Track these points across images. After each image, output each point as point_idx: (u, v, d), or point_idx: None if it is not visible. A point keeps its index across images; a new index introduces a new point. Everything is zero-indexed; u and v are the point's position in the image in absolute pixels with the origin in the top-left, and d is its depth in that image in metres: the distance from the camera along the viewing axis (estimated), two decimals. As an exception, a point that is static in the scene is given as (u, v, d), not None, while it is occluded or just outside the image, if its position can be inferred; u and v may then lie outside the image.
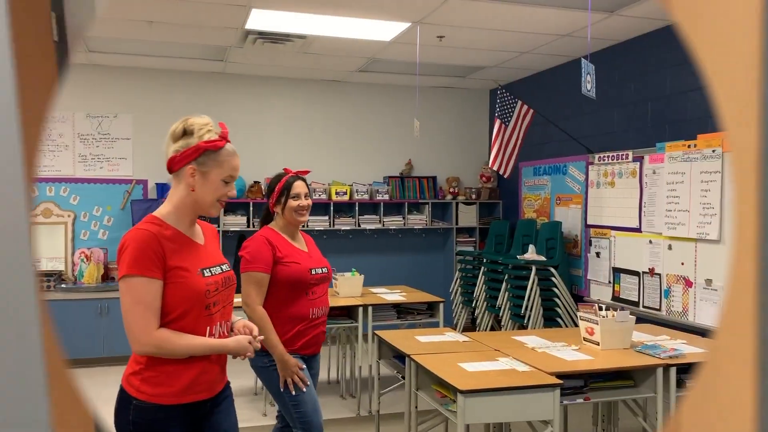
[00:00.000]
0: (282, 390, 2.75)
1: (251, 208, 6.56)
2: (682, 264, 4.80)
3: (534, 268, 5.75)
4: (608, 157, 5.63)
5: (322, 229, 6.95)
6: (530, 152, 6.70)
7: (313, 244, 3.12)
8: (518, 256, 6.07)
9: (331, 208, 6.97)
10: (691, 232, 4.71)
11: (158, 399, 1.87)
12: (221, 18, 4.91)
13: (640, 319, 4.72)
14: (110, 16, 4.85)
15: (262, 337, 2.11)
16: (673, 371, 3.11)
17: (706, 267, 4.60)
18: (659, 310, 5.02)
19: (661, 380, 3.09)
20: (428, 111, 7.60)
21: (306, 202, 2.96)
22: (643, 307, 5.19)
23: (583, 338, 3.46)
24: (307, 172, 3.11)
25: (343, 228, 7.04)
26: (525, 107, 5.74)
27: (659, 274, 5.04)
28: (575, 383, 3.04)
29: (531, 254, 6.03)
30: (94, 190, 6.59)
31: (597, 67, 5.59)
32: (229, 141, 2.00)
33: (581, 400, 3.03)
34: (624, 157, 5.45)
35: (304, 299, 2.87)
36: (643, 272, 5.21)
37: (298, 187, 2.96)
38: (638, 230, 5.28)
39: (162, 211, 1.97)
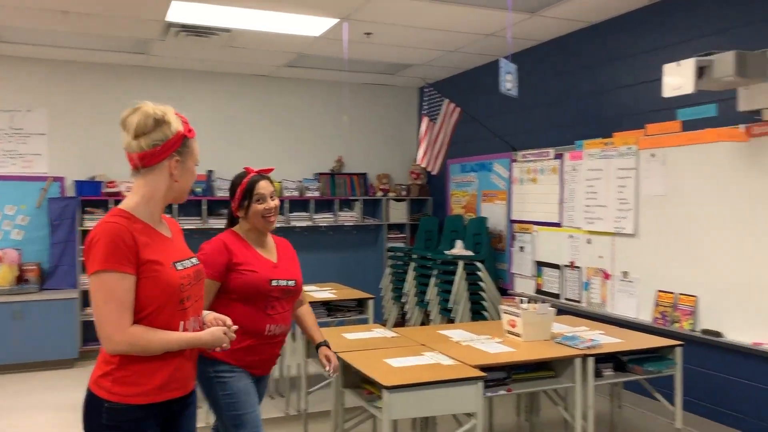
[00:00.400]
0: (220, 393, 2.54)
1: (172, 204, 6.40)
2: (600, 257, 5.00)
3: (461, 263, 5.85)
4: (531, 154, 5.79)
5: (250, 226, 6.85)
6: (458, 150, 6.81)
7: (288, 253, 2.80)
8: (446, 252, 6.16)
9: (260, 205, 6.87)
10: (609, 227, 4.90)
11: (132, 399, 1.81)
12: (140, 9, 4.75)
13: (562, 311, 4.89)
14: (22, 4, 4.61)
15: (236, 327, 2.05)
16: (590, 361, 3.23)
17: (622, 260, 4.81)
18: (579, 301, 5.21)
19: (579, 370, 3.21)
20: (359, 107, 7.60)
21: (273, 203, 2.67)
22: (565, 299, 5.37)
23: (506, 331, 3.55)
24: (270, 170, 2.82)
25: (272, 225, 6.95)
26: (452, 105, 5.83)
27: (579, 267, 5.23)
28: (498, 375, 3.11)
29: (458, 249, 6.13)
30: (6, 187, 6.25)
31: (520, 66, 5.73)
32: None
33: (504, 392, 3.11)
34: (545, 154, 5.62)
35: (261, 313, 2.58)
36: (564, 265, 5.40)
37: (263, 187, 2.66)
38: (559, 225, 5.46)
39: (129, 204, 1.88)
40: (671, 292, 4.36)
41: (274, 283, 2.60)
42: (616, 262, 4.87)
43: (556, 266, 5.50)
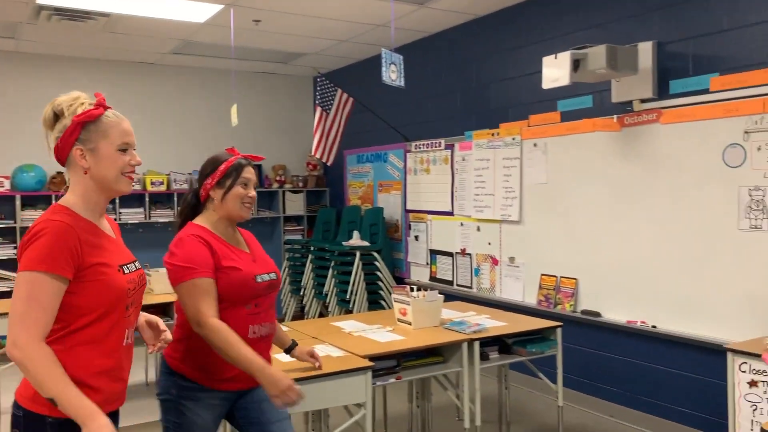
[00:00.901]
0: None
1: (53, 201, 6.00)
2: (489, 244, 5.16)
3: (358, 254, 5.86)
4: (424, 144, 5.88)
5: (137, 222, 6.54)
6: (354, 140, 6.81)
7: (256, 244, 2.51)
8: (343, 243, 6.15)
9: (147, 198, 6.58)
10: (496, 214, 5.07)
11: None
12: (5, -11, 4.39)
13: (454, 297, 5.01)
14: None
15: (167, 333, 1.98)
16: (476, 345, 3.32)
17: (509, 246, 4.98)
18: (471, 287, 5.36)
19: (466, 354, 3.29)
20: (251, 97, 7.43)
21: (254, 193, 2.37)
22: (457, 285, 5.51)
23: (398, 319, 3.58)
24: (261, 159, 2.52)
25: (161, 220, 6.68)
26: (345, 96, 5.80)
27: (470, 254, 5.37)
28: (388, 364, 3.13)
29: (355, 240, 6.14)
30: None
31: (411, 58, 5.79)
32: (108, 107, 1.77)
33: (393, 380, 3.14)
34: (437, 145, 5.72)
35: (242, 314, 2.23)
36: (456, 253, 5.53)
37: (250, 173, 2.36)
38: (451, 214, 5.58)
39: (69, 201, 1.74)
40: (554, 276, 4.57)
41: (258, 279, 2.28)
42: (503, 248, 5.04)
43: (449, 254, 5.63)
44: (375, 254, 5.94)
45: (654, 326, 3.92)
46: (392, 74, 3.42)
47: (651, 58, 3.83)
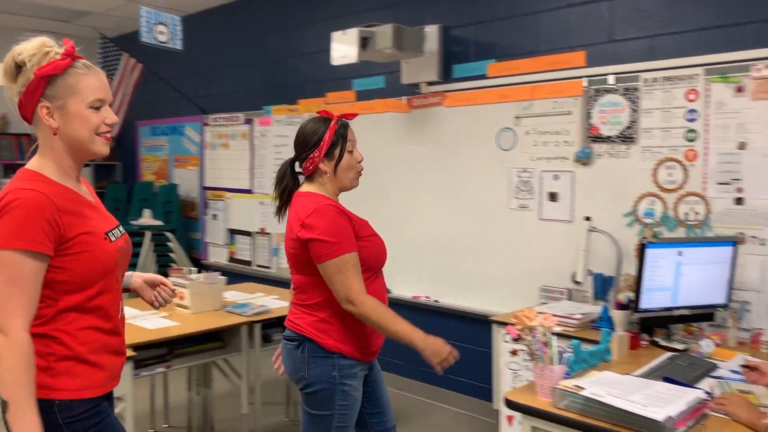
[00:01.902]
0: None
1: None
2: (287, 223, 5.05)
3: (148, 234, 5.46)
4: (222, 118, 5.60)
5: None
6: (148, 111, 6.32)
7: None
8: (132, 222, 5.70)
9: None
10: (294, 193, 4.96)
11: (84, 393, 1.54)
12: None
13: (253, 278, 4.85)
14: None
15: (174, 288, 1.93)
16: (257, 327, 3.20)
17: (306, 225, 4.91)
18: (270, 267, 5.22)
19: (245, 338, 3.16)
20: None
21: (361, 156, 2.19)
22: (257, 266, 5.35)
23: (175, 304, 3.34)
24: (355, 115, 2.30)
25: None
26: (132, 61, 5.34)
27: (269, 234, 5.23)
28: (158, 352, 2.91)
29: (146, 219, 5.72)
30: None
31: (207, 25, 5.46)
32: (79, 57, 1.53)
33: (163, 369, 2.92)
34: (236, 119, 5.48)
35: (381, 282, 2.19)
36: (256, 232, 5.36)
37: (351, 134, 2.17)
38: (250, 192, 5.39)
39: (39, 164, 1.53)
40: (348, 254, 4.58)
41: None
42: (301, 227, 4.95)
43: (248, 233, 5.44)
44: (168, 234, 5.58)
45: (437, 300, 4.08)
46: (160, 35, 3.13)
47: (437, 41, 3.92)
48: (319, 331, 2.09)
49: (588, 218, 3.27)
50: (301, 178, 2.21)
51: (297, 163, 2.19)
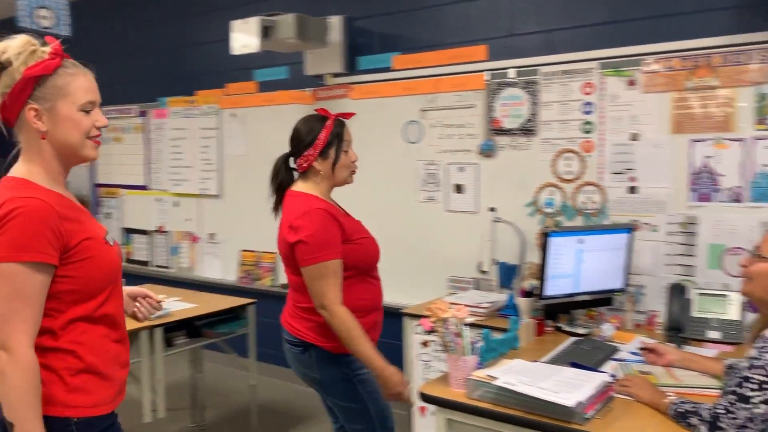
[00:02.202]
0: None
1: None
2: (188, 220, 4.85)
3: (34, 235, 5.07)
4: (114, 110, 5.27)
5: None
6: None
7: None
8: (15, 222, 5.27)
9: None
10: (194, 188, 4.77)
11: (100, 409, 1.48)
12: None
13: (151, 279, 4.61)
14: None
15: (163, 297, 1.83)
16: (159, 332, 3.03)
17: (209, 222, 4.73)
18: (169, 267, 4.99)
19: (146, 343, 2.99)
20: None
21: (356, 155, 2.26)
22: (156, 266, 5.10)
23: (66, 310, 3.11)
24: (352, 114, 2.34)
25: None
26: (11, 48, 4.91)
27: (167, 232, 5.00)
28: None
29: (31, 219, 5.31)
30: None
31: (98, 12, 5.13)
32: (66, 56, 1.45)
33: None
34: (129, 111, 5.18)
35: (373, 282, 2.23)
36: (153, 231, 5.10)
37: (348, 133, 2.23)
38: (146, 188, 5.13)
39: (26, 171, 1.44)
40: (254, 251, 4.45)
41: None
42: (203, 224, 4.77)
43: (145, 232, 5.17)
44: (57, 235, 5.21)
45: (346, 296, 4.04)
46: (43, 20, 2.88)
47: (341, 32, 3.86)
48: (321, 336, 2.15)
49: (492, 209, 3.33)
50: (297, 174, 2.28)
51: (292, 159, 2.24)
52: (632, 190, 3.05)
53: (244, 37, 3.57)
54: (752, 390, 1.58)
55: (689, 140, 2.89)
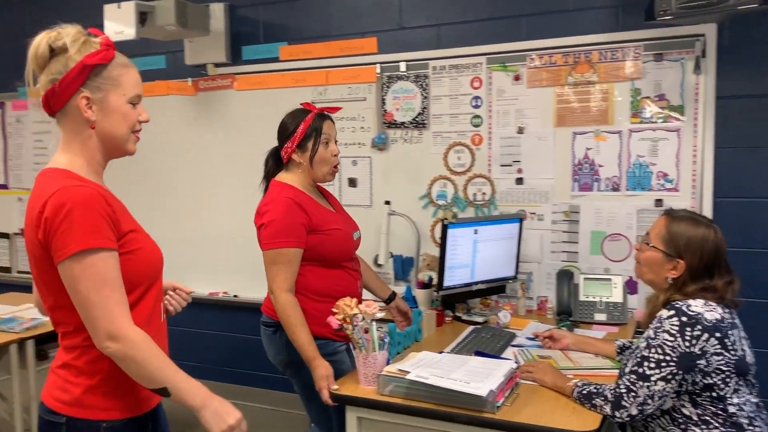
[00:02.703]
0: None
1: None
2: (56, 221, 4.45)
3: None
4: (-38, 101, 4.73)
5: None
6: None
7: (336, 200, 2.49)
8: None
9: None
10: (62, 186, 4.38)
11: (130, 411, 1.44)
12: None
13: (12, 287, 4.21)
14: None
15: (192, 291, 1.78)
16: (30, 344, 2.76)
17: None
18: (35, 273, 4.56)
19: (15, 357, 2.70)
20: None
21: (337, 150, 2.31)
22: (17, 272, 4.65)
23: None
24: (338, 109, 2.40)
25: None
26: None
27: (32, 234, 4.56)
28: None
29: None
30: None
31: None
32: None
33: None
34: (-19, 102, 4.67)
35: (347, 272, 2.29)
36: (15, 234, 4.64)
37: (329, 127, 2.28)
38: (6, 187, 4.65)
39: (68, 162, 1.40)
40: (133, 252, 4.17)
41: (354, 235, 2.33)
42: (73, 225, 4.40)
43: (5, 235, 4.68)
44: None
45: (236, 296, 3.89)
46: None
47: (223, 20, 3.69)
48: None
49: (387, 202, 3.33)
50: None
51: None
52: (519, 181, 3.16)
53: (118, 24, 3.31)
54: (650, 369, 1.68)
55: (571, 133, 3.04)
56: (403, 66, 3.35)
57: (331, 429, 2.25)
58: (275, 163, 2.36)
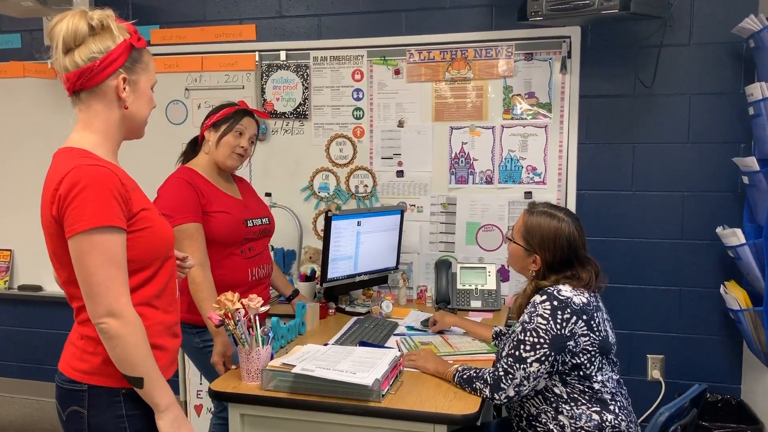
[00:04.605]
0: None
1: None
2: None
3: None
4: None
5: None
6: None
7: (252, 191, 2.53)
8: None
9: None
10: None
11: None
12: None
13: None
14: None
15: (191, 263, 1.75)
16: None
17: None
18: None
19: None
20: None
21: (248, 145, 2.37)
22: None
23: None
24: (266, 116, 2.91)
25: None
26: None
27: None
28: None
29: None
30: None
31: None
32: None
33: None
34: None
35: (238, 258, 2.30)
36: None
37: (249, 124, 2.37)
38: None
39: (84, 143, 1.46)
40: (-18, 249, 3.80)
41: (249, 223, 2.34)
42: None
43: None
44: None
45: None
46: None
47: (88, -1, 3.44)
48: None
49: (268, 194, 3.26)
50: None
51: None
52: (399, 174, 3.21)
53: (-36, -5, 2.99)
54: (526, 351, 1.77)
55: (449, 127, 3.13)
56: (283, 55, 3.29)
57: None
58: (191, 147, 2.45)
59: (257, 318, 1.93)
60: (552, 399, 1.83)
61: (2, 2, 3.07)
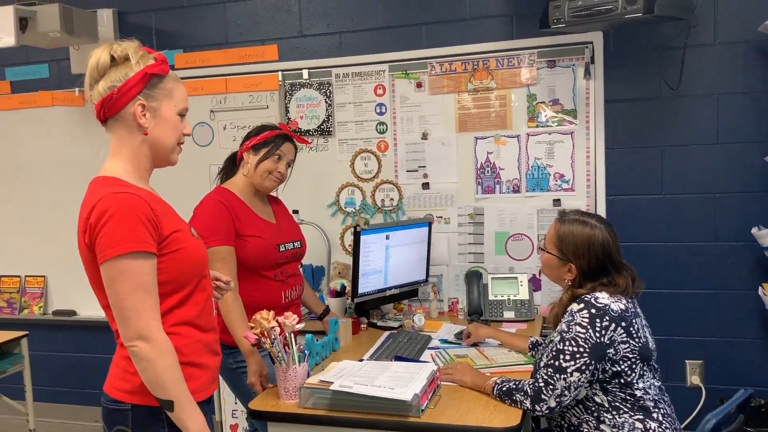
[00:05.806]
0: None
1: None
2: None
3: None
4: None
5: None
6: None
7: (286, 213, 2.56)
8: None
9: None
10: (-68, 207, 3.98)
11: (196, 396, 1.51)
12: None
13: None
14: None
15: (232, 284, 1.83)
16: None
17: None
18: None
19: None
20: None
21: (285, 170, 2.39)
22: None
23: None
24: (306, 142, 2.96)
25: None
26: None
27: None
28: None
29: None
30: None
31: None
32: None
33: None
34: None
35: (272, 282, 2.33)
36: None
37: (288, 150, 2.39)
38: None
39: (115, 170, 1.52)
40: (17, 276, 3.87)
41: (282, 248, 2.37)
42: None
43: None
44: None
45: (136, 316, 3.69)
46: None
47: (112, 27, 3.51)
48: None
49: (296, 211, 3.27)
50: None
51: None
52: (425, 186, 3.21)
53: (-6, 29, 3.06)
54: (566, 361, 1.75)
55: (473, 138, 3.13)
56: (305, 73, 3.32)
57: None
58: (230, 164, 2.47)
59: (293, 336, 1.93)
60: (593, 408, 1.81)
61: (30, 34, 3.14)
